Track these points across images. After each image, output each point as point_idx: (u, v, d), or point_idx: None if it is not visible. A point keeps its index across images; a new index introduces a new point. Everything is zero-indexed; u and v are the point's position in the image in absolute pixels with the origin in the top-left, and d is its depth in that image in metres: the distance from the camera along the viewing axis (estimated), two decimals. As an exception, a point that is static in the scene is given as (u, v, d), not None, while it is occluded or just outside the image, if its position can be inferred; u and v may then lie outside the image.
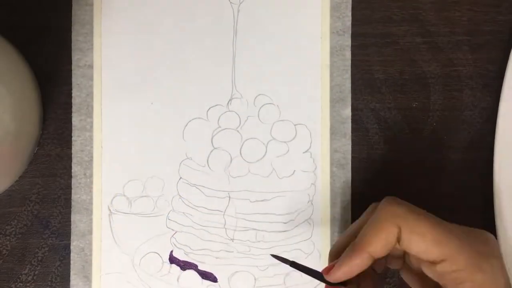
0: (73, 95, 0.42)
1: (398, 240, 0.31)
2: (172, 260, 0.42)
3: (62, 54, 0.42)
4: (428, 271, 0.32)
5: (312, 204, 0.41)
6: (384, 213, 0.31)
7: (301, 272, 0.35)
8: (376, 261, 0.32)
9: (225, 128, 0.42)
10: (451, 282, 0.30)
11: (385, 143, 0.42)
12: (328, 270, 0.33)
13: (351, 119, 0.42)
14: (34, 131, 0.41)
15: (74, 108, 0.42)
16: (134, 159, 0.42)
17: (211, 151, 0.42)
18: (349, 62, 0.42)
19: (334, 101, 0.42)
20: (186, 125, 0.42)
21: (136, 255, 0.42)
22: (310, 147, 0.42)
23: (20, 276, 0.42)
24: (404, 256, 0.35)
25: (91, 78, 0.42)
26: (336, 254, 0.34)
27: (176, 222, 0.42)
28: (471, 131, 0.42)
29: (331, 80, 0.42)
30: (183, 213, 0.42)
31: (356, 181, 0.41)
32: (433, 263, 0.31)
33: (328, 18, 0.42)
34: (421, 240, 0.30)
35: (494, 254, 0.31)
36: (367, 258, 0.31)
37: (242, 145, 0.42)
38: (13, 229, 0.42)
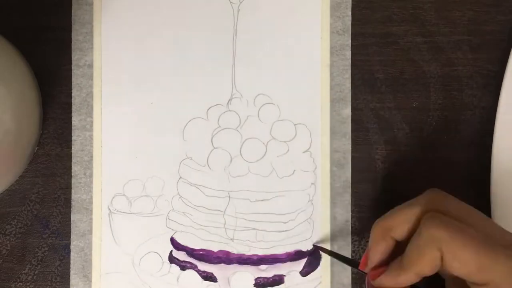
0: (73, 94, 0.42)
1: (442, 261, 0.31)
2: (172, 260, 0.42)
3: (62, 54, 0.42)
4: None
5: (312, 204, 0.41)
6: (427, 237, 0.31)
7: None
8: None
9: (225, 128, 0.42)
10: None
11: (385, 143, 0.42)
12: (375, 275, 0.34)
13: (351, 119, 0.42)
14: (34, 131, 0.41)
15: (74, 108, 0.42)
16: (134, 159, 0.42)
17: (211, 150, 0.42)
18: (349, 62, 0.42)
19: (334, 101, 0.42)
20: (186, 125, 0.42)
21: (136, 255, 0.42)
22: (310, 146, 0.42)
23: (20, 275, 0.42)
24: None
25: (91, 78, 0.42)
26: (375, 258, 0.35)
27: (176, 222, 0.42)
28: (471, 131, 0.42)
29: (331, 80, 0.42)
30: (183, 213, 0.42)
31: (356, 181, 0.41)
32: (477, 284, 0.31)
33: (328, 18, 0.42)
34: (463, 267, 0.30)
35: None
36: (414, 277, 0.32)
37: (242, 144, 0.42)
38: (13, 228, 0.42)
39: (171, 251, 0.42)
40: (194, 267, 0.42)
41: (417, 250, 0.31)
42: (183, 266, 0.42)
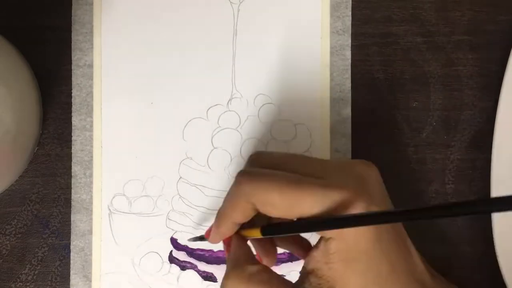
0: (73, 94, 0.42)
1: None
2: (172, 260, 0.42)
3: (62, 54, 0.42)
4: None
5: (312, 204, 0.41)
6: (234, 192, 0.33)
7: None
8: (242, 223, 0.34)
9: (225, 128, 0.42)
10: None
11: (386, 143, 0.42)
12: (207, 233, 0.37)
13: (351, 119, 0.42)
14: (34, 131, 0.41)
15: (74, 108, 0.42)
16: (134, 159, 0.42)
17: (211, 150, 0.42)
18: (349, 62, 0.42)
19: (334, 101, 0.42)
20: (186, 125, 0.42)
21: (136, 255, 0.42)
22: (310, 147, 0.42)
23: (20, 275, 0.42)
24: None
25: (91, 78, 0.42)
26: None
27: (176, 222, 0.42)
28: (471, 131, 0.42)
29: (331, 80, 0.42)
30: (183, 213, 0.42)
31: (356, 181, 0.41)
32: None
33: (328, 18, 0.42)
34: (275, 209, 0.31)
35: (356, 198, 0.30)
36: (231, 225, 0.34)
37: (242, 144, 0.42)
38: (13, 228, 0.42)
39: (171, 251, 0.42)
40: (194, 267, 0.42)
41: (229, 204, 0.33)
42: (183, 266, 0.42)
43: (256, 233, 0.34)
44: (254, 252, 0.36)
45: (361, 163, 0.33)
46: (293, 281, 0.32)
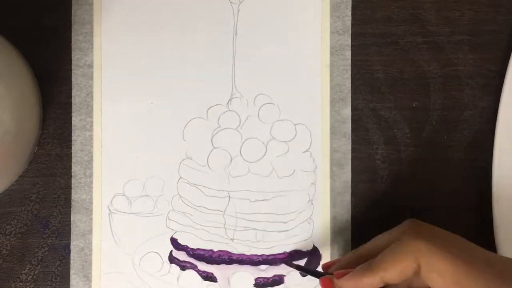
0: (73, 94, 0.42)
1: (417, 273, 0.31)
2: (172, 260, 0.42)
3: (62, 54, 0.42)
4: None
5: (312, 204, 0.41)
6: (406, 247, 0.31)
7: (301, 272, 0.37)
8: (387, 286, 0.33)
9: (225, 128, 0.42)
10: None
11: (385, 143, 0.42)
12: (340, 275, 0.34)
13: (351, 119, 0.42)
14: (34, 131, 0.41)
15: (74, 108, 0.42)
16: (134, 159, 0.42)
17: (211, 150, 0.42)
18: (349, 62, 0.42)
19: (334, 101, 0.42)
20: (186, 125, 0.42)
21: (136, 255, 0.42)
22: (310, 146, 0.42)
23: (20, 275, 0.42)
24: None
25: (91, 78, 0.42)
26: (342, 266, 0.35)
27: (176, 222, 0.42)
28: (471, 131, 0.42)
29: (331, 80, 0.42)
30: (183, 213, 0.42)
31: (356, 181, 0.41)
32: None
33: (328, 18, 0.42)
34: (439, 279, 0.30)
35: None
36: (379, 281, 0.32)
37: (242, 144, 0.42)
38: (13, 228, 0.42)
39: (171, 251, 0.42)
40: (194, 267, 0.42)
41: (392, 256, 0.32)
42: (183, 266, 0.42)
43: None
44: None
45: None
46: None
